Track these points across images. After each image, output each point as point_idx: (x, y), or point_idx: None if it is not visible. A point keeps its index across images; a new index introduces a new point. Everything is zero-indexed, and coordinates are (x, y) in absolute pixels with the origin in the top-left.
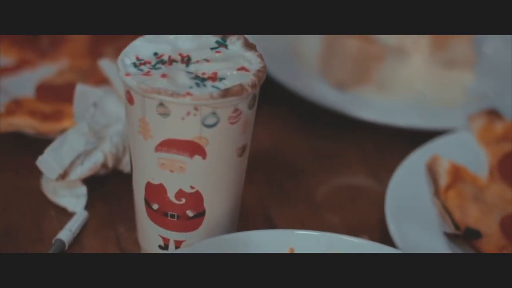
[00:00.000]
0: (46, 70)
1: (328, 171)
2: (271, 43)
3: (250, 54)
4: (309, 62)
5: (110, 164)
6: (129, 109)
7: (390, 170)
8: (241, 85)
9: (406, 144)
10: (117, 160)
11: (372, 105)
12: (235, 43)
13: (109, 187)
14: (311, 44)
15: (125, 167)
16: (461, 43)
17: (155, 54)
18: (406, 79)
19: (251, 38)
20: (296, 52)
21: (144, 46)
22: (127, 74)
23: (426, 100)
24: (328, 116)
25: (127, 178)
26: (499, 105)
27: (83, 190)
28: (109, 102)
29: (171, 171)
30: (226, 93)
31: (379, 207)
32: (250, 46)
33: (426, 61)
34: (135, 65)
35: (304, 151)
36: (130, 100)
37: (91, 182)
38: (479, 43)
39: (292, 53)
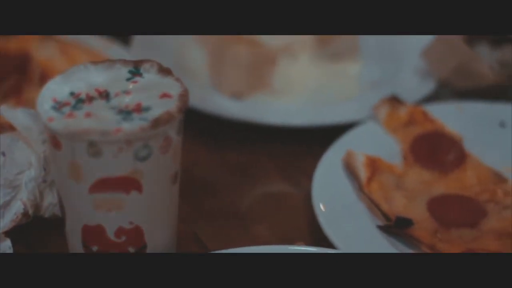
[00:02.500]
0: None
1: (246, 183)
2: (158, 58)
3: (167, 80)
4: (198, 74)
5: (30, 211)
6: (56, 154)
7: (305, 172)
8: (168, 113)
9: (314, 143)
10: (37, 206)
11: (271, 110)
12: (149, 70)
13: (33, 235)
14: (196, 57)
15: (45, 212)
16: (344, 35)
17: (72, 93)
18: (299, 78)
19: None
20: (183, 66)
21: (58, 87)
22: (50, 119)
23: (323, 97)
24: (232, 127)
25: (49, 224)
26: (395, 91)
27: (7, 243)
28: (17, 148)
29: (108, 210)
30: (156, 123)
31: (304, 211)
32: (165, 71)
33: (313, 58)
34: (55, 108)
35: (217, 166)
36: (56, 145)
37: (13, 233)
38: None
39: (180, 68)
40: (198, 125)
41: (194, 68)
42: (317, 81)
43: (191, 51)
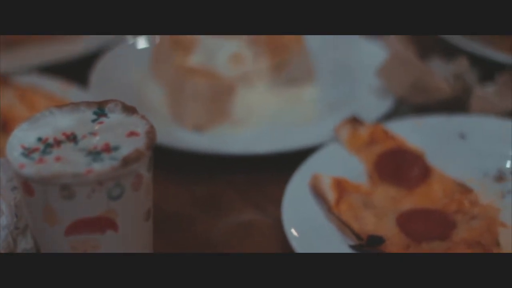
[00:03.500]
0: None
1: (215, 215)
2: (116, 97)
3: (133, 118)
4: (158, 110)
5: None
6: (29, 200)
7: (272, 199)
8: (137, 150)
9: (278, 170)
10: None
11: (233, 139)
12: (114, 110)
13: None
14: (154, 93)
15: None
16: (298, 60)
17: (39, 139)
18: (257, 107)
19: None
20: (142, 103)
21: (25, 134)
22: (21, 166)
23: (282, 123)
24: (196, 160)
25: None
26: (354, 111)
27: None
28: None
29: (85, 251)
30: (126, 161)
31: (275, 237)
32: (130, 110)
33: (269, 86)
34: (24, 155)
35: (185, 199)
36: (29, 191)
37: None
38: (317, 58)
39: (139, 105)
40: (162, 160)
41: (153, 104)
42: (276, 108)
43: (149, 87)
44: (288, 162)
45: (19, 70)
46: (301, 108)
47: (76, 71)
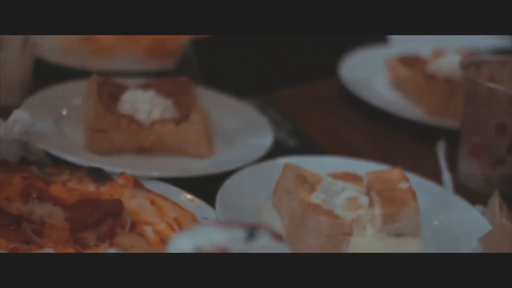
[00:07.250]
0: None
1: None
2: (238, 217)
3: (280, 245)
4: None
5: None
6: None
7: None
8: None
9: None
10: None
11: None
12: (263, 234)
13: None
14: (273, 218)
15: None
16: (408, 214)
17: (195, 247)
18: (365, 250)
19: None
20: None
21: (183, 241)
22: None
23: None
24: None
25: None
26: None
27: None
28: None
29: None
30: None
31: None
32: (278, 237)
33: (378, 232)
34: None
35: None
36: None
37: None
38: (425, 215)
39: None
40: None
41: None
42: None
43: (268, 213)
44: None
45: (148, 177)
46: None
47: (202, 187)
